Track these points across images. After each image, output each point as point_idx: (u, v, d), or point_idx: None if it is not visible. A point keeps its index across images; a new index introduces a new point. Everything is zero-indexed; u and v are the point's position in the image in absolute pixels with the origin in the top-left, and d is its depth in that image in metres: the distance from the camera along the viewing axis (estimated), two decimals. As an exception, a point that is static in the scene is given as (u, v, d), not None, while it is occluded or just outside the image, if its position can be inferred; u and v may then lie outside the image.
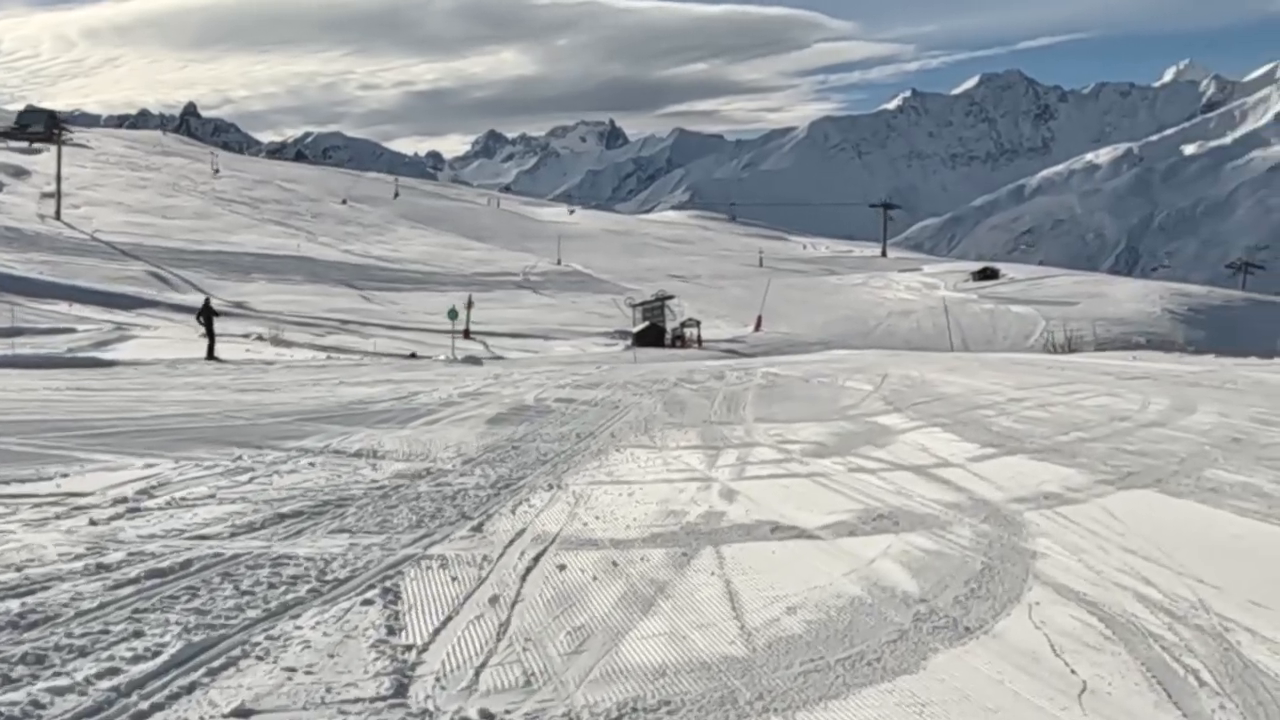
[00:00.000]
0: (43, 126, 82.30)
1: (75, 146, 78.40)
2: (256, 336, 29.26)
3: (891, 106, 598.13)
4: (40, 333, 25.51)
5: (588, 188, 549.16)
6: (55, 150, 63.10)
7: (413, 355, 28.08)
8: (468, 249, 69.64)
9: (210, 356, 21.57)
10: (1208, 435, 9.94)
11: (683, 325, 44.30)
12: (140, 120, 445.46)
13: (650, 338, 42.10)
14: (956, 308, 53.49)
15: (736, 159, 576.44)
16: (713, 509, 6.98)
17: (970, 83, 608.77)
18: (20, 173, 69.91)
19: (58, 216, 56.10)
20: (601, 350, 36.32)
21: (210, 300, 26.79)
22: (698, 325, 44.01)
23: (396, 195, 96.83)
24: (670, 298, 47.83)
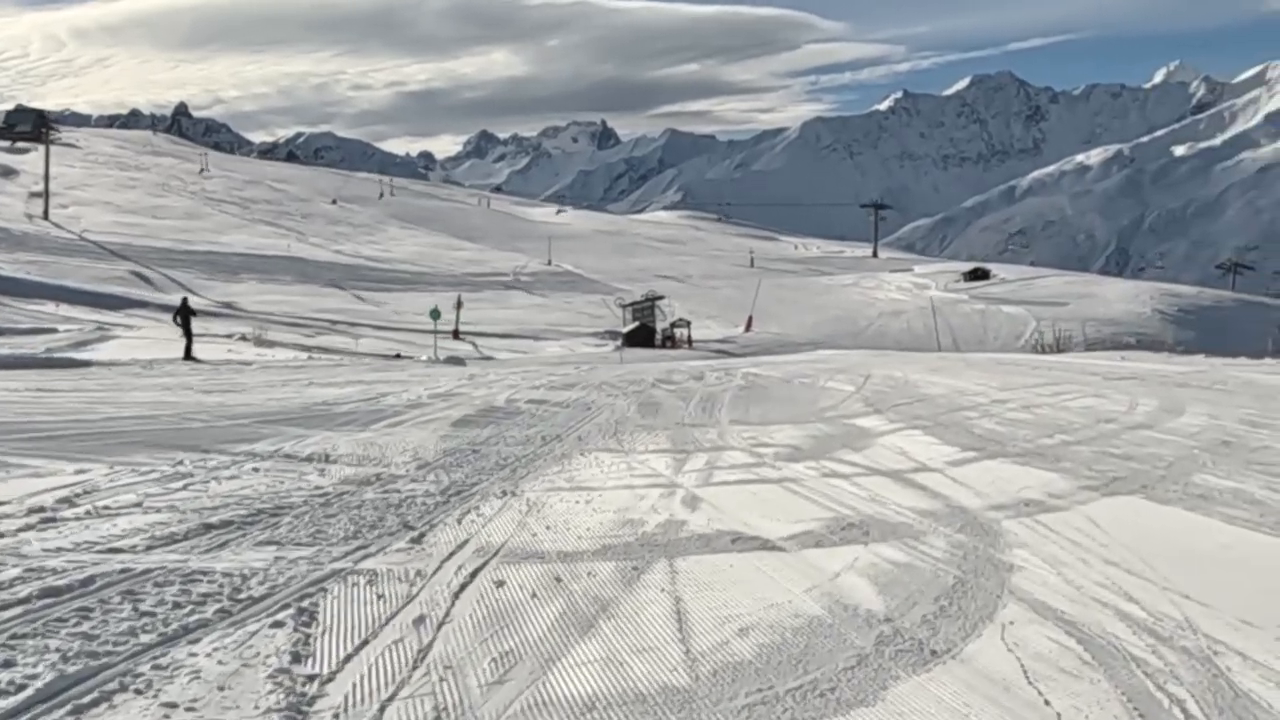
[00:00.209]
0: (30, 126, 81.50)
1: (64, 146, 77.81)
2: (240, 337, 28.82)
3: (883, 107, 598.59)
4: (21, 333, 25.00)
5: (580, 188, 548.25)
6: (43, 150, 62.43)
7: (398, 356, 27.64)
8: (458, 249, 69.20)
9: (188, 357, 21.11)
10: (1196, 438, 9.57)
11: (673, 325, 44.02)
12: (131, 120, 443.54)
13: (640, 338, 41.81)
14: (948, 308, 53.28)
15: (728, 159, 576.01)
16: (673, 518, 6.58)
17: (962, 84, 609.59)
18: (8, 172, 69.22)
19: (46, 216, 55.64)
20: (591, 350, 35.94)
21: (188, 300, 26.28)
22: (688, 325, 43.73)
23: (382, 195, 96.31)
24: (660, 298, 47.55)
